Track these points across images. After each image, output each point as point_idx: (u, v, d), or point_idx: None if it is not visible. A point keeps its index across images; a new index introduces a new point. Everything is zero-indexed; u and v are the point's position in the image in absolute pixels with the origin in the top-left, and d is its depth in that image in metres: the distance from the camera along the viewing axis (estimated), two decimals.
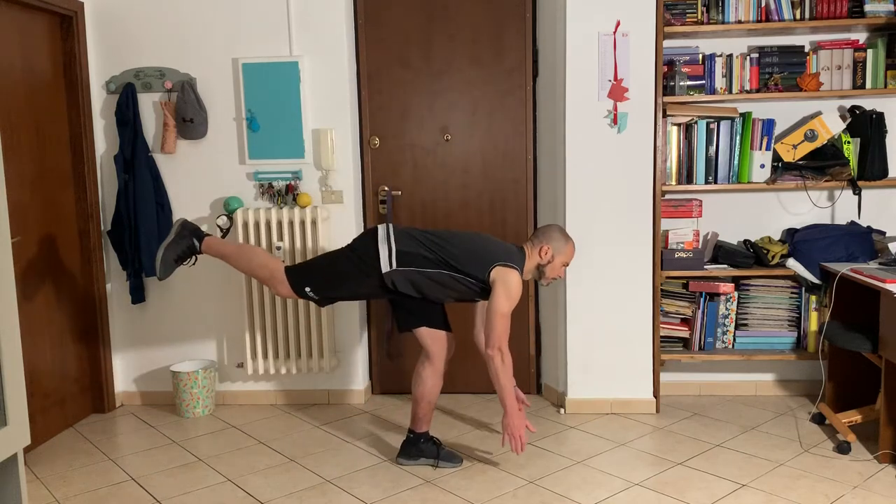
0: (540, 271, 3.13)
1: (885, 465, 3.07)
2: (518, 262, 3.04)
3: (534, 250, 3.11)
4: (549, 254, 3.09)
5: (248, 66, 3.81)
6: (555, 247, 3.10)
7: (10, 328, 2.07)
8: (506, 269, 2.97)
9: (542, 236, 3.13)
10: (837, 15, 3.54)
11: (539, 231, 3.18)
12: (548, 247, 3.09)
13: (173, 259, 3.16)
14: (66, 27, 3.76)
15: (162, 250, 3.14)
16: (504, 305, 2.93)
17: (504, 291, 2.94)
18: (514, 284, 2.96)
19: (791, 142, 3.65)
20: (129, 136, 3.83)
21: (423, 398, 3.15)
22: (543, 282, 3.18)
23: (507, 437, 3.02)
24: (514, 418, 2.99)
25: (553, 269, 3.12)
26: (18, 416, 2.10)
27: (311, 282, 3.08)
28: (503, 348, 2.95)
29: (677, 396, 3.97)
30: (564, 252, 3.13)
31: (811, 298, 3.71)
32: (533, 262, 3.11)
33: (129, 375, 4.12)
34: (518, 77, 3.89)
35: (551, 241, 3.10)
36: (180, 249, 3.17)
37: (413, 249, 2.99)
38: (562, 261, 3.13)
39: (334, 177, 3.89)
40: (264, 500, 2.93)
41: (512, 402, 2.99)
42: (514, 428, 3.00)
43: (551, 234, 3.13)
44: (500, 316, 2.93)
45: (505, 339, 2.96)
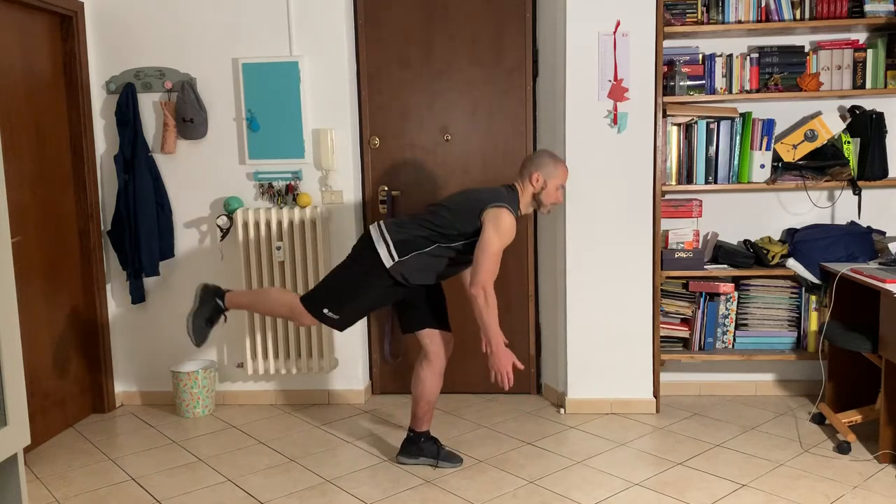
0: (537, 200, 3.08)
1: (885, 465, 3.07)
2: (508, 200, 2.99)
3: (525, 181, 3.07)
4: (540, 180, 3.04)
5: (248, 66, 3.81)
6: (545, 171, 3.05)
7: (10, 328, 2.07)
8: (496, 209, 2.92)
9: (531, 164, 3.07)
10: (837, 15, 3.54)
11: (527, 160, 3.11)
12: (538, 173, 3.04)
13: (204, 323, 3.19)
14: (66, 27, 3.76)
15: (190, 319, 3.17)
16: (493, 243, 2.87)
17: (494, 229, 2.88)
18: (503, 221, 2.90)
19: (791, 142, 3.65)
20: (129, 136, 3.83)
21: (422, 398, 3.15)
22: (543, 210, 3.13)
23: (494, 374, 2.95)
24: (499, 355, 2.92)
25: (549, 194, 3.07)
26: (18, 416, 2.10)
27: (327, 302, 3.05)
28: (487, 288, 2.88)
29: (677, 396, 3.97)
30: (557, 175, 3.07)
31: (811, 298, 3.71)
32: (528, 194, 3.07)
33: (129, 375, 4.12)
34: (518, 77, 3.89)
35: (541, 167, 3.05)
36: (208, 313, 3.19)
37: (408, 235, 2.98)
38: (555, 184, 3.07)
39: (334, 177, 3.89)
40: (264, 500, 2.93)
41: (497, 340, 2.92)
42: (501, 364, 2.93)
43: (540, 159, 3.08)
44: (488, 254, 2.87)
45: (490, 279, 2.89)
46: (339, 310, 3.06)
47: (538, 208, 3.13)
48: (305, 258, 3.82)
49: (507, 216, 2.92)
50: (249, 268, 3.84)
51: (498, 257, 2.90)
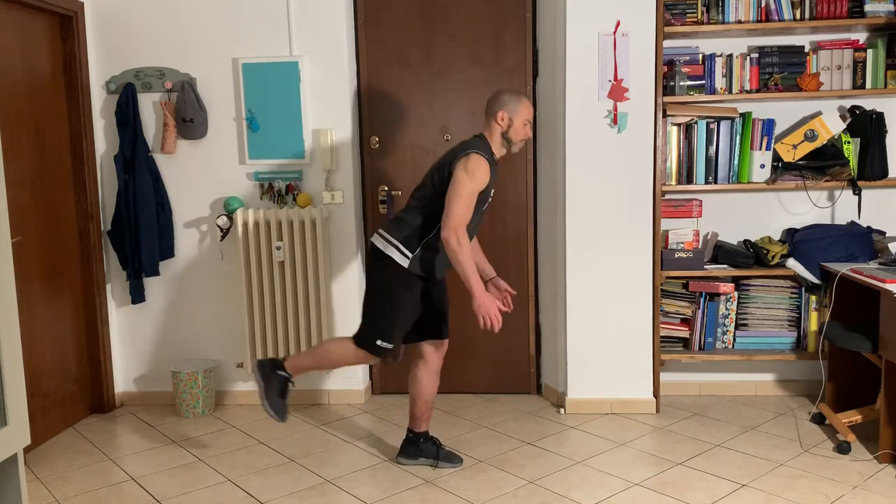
0: (506, 139, 3.04)
1: (885, 465, 3.07)
2: (476, 146, 2.96)
3: (491, 123, 3.03)
4: (505, 118, 3.01)
5: (248, 66, 3.81)
6: (508, 108, 3.01)
7: (10, 328, 2.07)
8: (465, 156, 2.90)
9: (493, 105, 3.04)
10: (837, 15, 3.54)
11: (489, 102, 3.07)
12: (502, 111, 3.01)
13: (278, 398, 3.12)
14: (66, 27, 3.76)
15: (265, 402, 3.10)
16: (464, 184, 2.85)
17: (463, 171, 2.86)
18: (472, 162, 2.88)
19: (791, 142, 3.65)
20: (129, 136, 3.83)
21: (419, 398, 3.15)
22: (514, 148, 3.08)
23: (481, 318, 2.90)
24: (482, 300, 2.88)
25: (516, 131, 3.03)
26: (18, 416, 2.10)
27: (375, 331, 3.01)
28: (459, 231, 2.83)
29: (677, 396, 3.97)
30: (520, 110, 3.03)
31: (811, 298, 3.71)
32: (496, 134, 3.03)
33: (129, 375, 4.12)
34: (518, 77, 3.89)
35: (503, 105, 3.01)
36: (277, 389, 3.13)
37: (409, 230, 2.97)
38: (521, 119, 3.03)
39: (334, 177, 3.89)
40: (264, 500, 2.93)
41: (476, 282, 2.87)
42: (485, 308, 2.88)
43: (500, 98, 3.04)
44: (458, 195, 2.84)
45: (462, 222, 2.85)
46: (390, 335, 3.01)
47: (509, 148, 3.07)
48: (305, 258, 3.82)
49: (477, 158, 2.90)
50: (249, 268, 3.83)
51: (469, 200, 2.87)
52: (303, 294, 3.84)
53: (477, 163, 2.88)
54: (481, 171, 2.89)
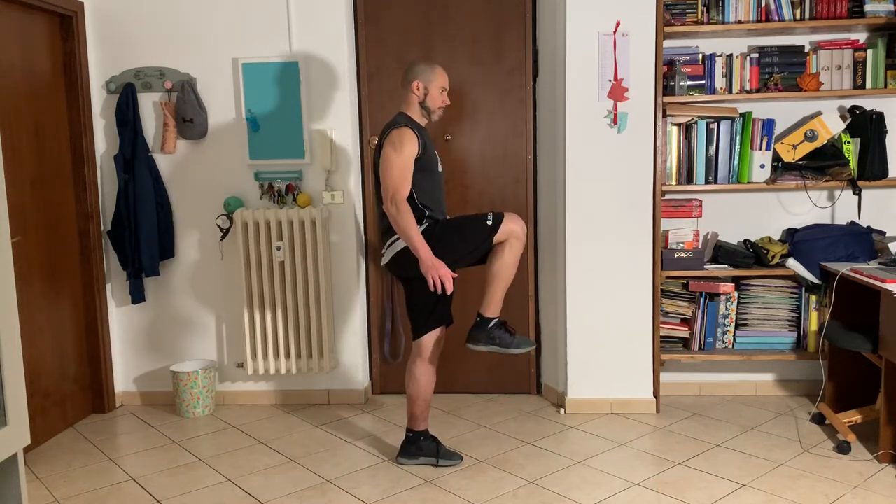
0: (425, 108, 3.08)
1: (885, 465, 3.07)
2: (396, 122, 3.01)
3: (408, 95, 3.08)
4: (420, 87, 3.06)
5: (248, 66, 3.81)
6: (423, 77, 3.06)
7: (10, 328, 2.06)
8: (386, 136, 2.98)
9: (408, 75, 3.08)
10: (837, 15, 3.54)
11: (404, 74, 3.12)
12: (416, 81, 3.06)
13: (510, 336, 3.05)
14: (66, 27, 3.76)
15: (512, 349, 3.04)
16: (390, 157, 2.92)
17: (387, 145, 2.94)
18: (396, 136, 2.94)
19: (791, 142, 3.65)
20: (129, 136, 3.83)
21: (418, 396, 3.15)
22: (434, 117, 3.12)
23: (431, 280, 2.93)
24: (428, 261, 2.92)
25: (433, 99, 3.08)
26: (18, 416, 2.10)
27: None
28: (398, 199, 2.90)
29: (677, 396, 3.97)
30: (434, 77, 3.07)
31: (811, 298, 3.71)
32: (414, 104, 3.07)
33: (129, 375, 4.12)
34: (518, 77, 3.89)
35: (417, 75, 3.06)
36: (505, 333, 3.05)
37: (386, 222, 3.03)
38: (437, 86, 3.08)
39: (334, 177, 3.89)
40: (264, 500, 2.93)
41: (423, 246, 2.91)
42: (434, 269, 2.92)
43: (414, 68, 3.09)
44: (387, 168, 2.92)
45: (399, 190, 2.91)
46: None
47: (430, 117, 3.11)
48: (305, 258, 3.82)
49: (398, 131, 2.96)
50: (249, 268, 3.83)
51: (402, 171, 2.93)
52: (303, 294, 3.84)
53: (399, 135, 2.95)
54: (406, 140, 2.94)
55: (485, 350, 3.09)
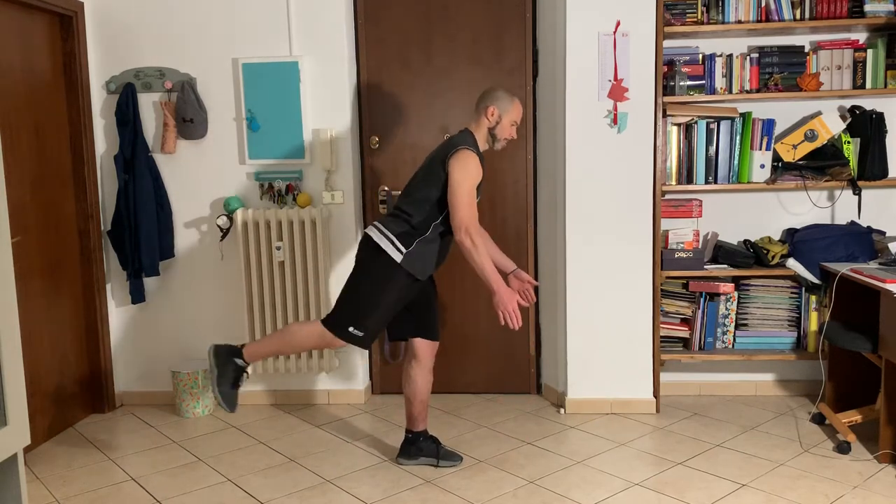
0: (492, 135, 3.07)
1: (885, 465, 3.07)
2: (464, 141, 2.99)
3: (480, 117, 3.06)
4: (495, 114, 3.04)
5: (248, 66, 3.81)
6: (500, 106, 3.04)
7: (10, 328, 2.07)
8: (455, 153, 2.93)
9: (486, 99, 3.06)
10: (837, 15, 3.54)
11: (482, 96, 3.10)
12: (493, 107, 3.03)
13: (230, 387, 3.07)
14: (66, 27, 3.76)
15: (215, 388, 3.05)
16: (462, 184, 2.88)
17: (458, 171, 2.89)
18: (465, 159, 2.91)
19: (791, 142, 3.65)
20: (129, 136, 3.83)
21: (415, 397, 3.15)
22: (497, 146, 3.11)
23: (501, 315, 2.91)
24: (501, 295, 2.89)
25: (503, 129, 3.06)
26: (18, 416, 2.10)
27: (349, 320, 2.99)
28: (470, 230, 2.87)
29: (677, 396, 3.97)
30: (511, 109, 3.06)
31: (811, 298, 3.71)
32: (483, 129, 3.06)
33: (129, 375, 4.12)
34: (518, 77, 3.89)
35: (496, 101, 3.04)
36: (230, 377, 3.07)
37: (404, 227, 2.97)
38: (510, 119, 3.06)
39: (334, 177, 3.89)
40: (264, 500, 2.93)
41: (495, 279, 2.90)
42: (504, 304, 2.89)
43: (494, 94, 3.07)
44: (459, 195, 2.87)
45: (471, 220, 2.88)
46: (363, 324, 2.99)
47: (493, 144, 3.10)
48: (305, 258, 3.82)
49: (468, 154, 2.93)
50: (249, 268, 3.84)
51: (471, 197, 2.91)
52: (303, 294, 3.84)
53: (468, 159, 2.92)
54: (473, 166, 2.92)
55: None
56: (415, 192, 3.01)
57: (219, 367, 3.06)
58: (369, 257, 3.00)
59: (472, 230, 2.88)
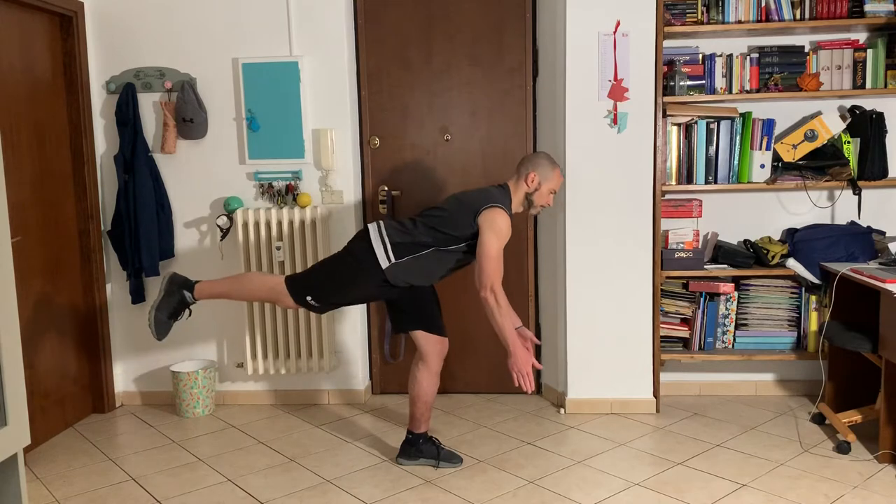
0: (529, 200, 3.10)
1: (885, 465, 3.07)
2: (501, 200, 3.01)
3: (520, 180, 3.09)
4: (536, 180, 3.07)
5: (248, 66, 3.81)
6: (541, 173, 3.07)
7: (10, 328, 2.07)
8: (490, 211, 2.94)
9: (529, 164, 3.10)
10: (837, 15, 3.54)
11: (525, 160, 3.14)
12: (534, 174, 3.07)
13: (167, 317, 3.10)
14: (66, 27, 3.76)
15: (153, 311, 3.09)
16: (493, 246, 2.90)
17: (492, 232, 2.91)
18: (500, 222, 2.93)
19: (791, 142, 3.65)
20: (129, 136, 3.83)
21: (419, 399, 3.15)
22: (533, 211, 3.15)
23: (515, 377, 2.93)
24: (518, 356, 2.92)
25: (541, 196, 3.10)
26: (18, 416, 2.10)
27: (312, 291, 3.05)
28: (496, 289, 2.90)
29: (677, 396, 3.97)
30: (551, 178, 3.10)
31: (811, 298, 3.71)
32: (521, 193, 3.09)
33: (129, 375, 4.12)
34: (518, 77, 3.89)
35: (538, 168, 3.08)
36: (172, 306, 3.11)
37: (405, 238, 2.98)
38: (549, 187, 3.10)
39: (334, 177, 3.89)
40: (264, 500, 2.93)
41: (513, 340, 2.93)
42: (520, 366, 2.91)
43: (538, 160, 3.11)
44: (489, 257, 2.90)
45: (497, 279, 2.91)
46: (324, 299, 3.07)
47: (528, 208, 3.15)
48: (305, 258, 3.82)
49: (502, 216, 2.95)
50: (249, 268, 3.83)
51: (500, 259, 2.93)
52: None
53: (503, 220, 2.95)
54: (506, 229, 2.96)
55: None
56: (436, 225, 3.00)
57: (166, 292, 3.11)
58: (358, 249, 3.03)
59: (497, 289, 2.91)
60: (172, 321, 3.14)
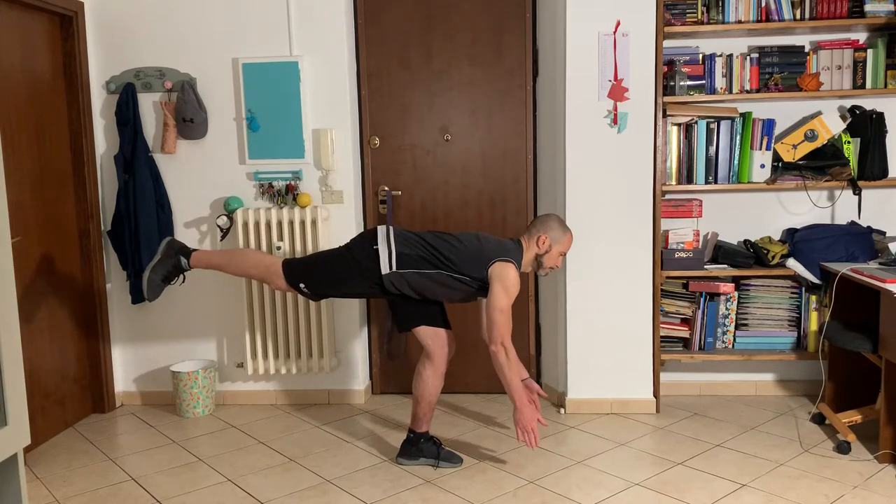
0: (538, 262, 3.13)
1: (885, 465, 3.07)
2: (514, 255, 3.04)
3: (531, 241, 3.12)
4: (546, 243, 3.10)
5: (248, 66, 3.81)
6: (552, 236, 3.11)
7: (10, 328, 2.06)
8: (502, 265, 2.97)
9: (541, 226, 3.13)
10: (837, 15, 3.54)
11: (537, 221, 3.18)
12: (545, 236, 3.10)
13: (160, 280, 3.13)
14: (66, 27, 3.76)
15: (148, 271, 3.11)
16: (502, 301, 2.94)
17: (502, 287, 2.94)
18: (511, 279, 2.96)
19: (791, 142, 3.65)
20: (129, 136, 3.83)
21: (423, 398, 3.15)
22: (542, 272, 3.18)
23: (520, 432, 2.98)
24: (524, 412, 2.97)
25: (550, 258, 3.13)
26: (18, 416, 2.10)
27: (307, 279, 3.08)
28: (506, 343, 2.95)
29: (677, 396, 3.97)
30: (562, 242, 3.14)
31: (811, 298, 3.71)
32: (531, 254, 3.12)
33: (129, 375, 4.12)
34: (518, 77, 3.89)
35: (549, 231, 3.11)
36: (166, 269, 3.14)
37: (412, 251, 3.00)
38: (559, 250, 3.14)
39: (334, 177, 3.89)
40: (264, 500, 2.93)
41: (520, 396, 2.97)
42: (526, 422, 2.96)
43: (549, 223, 3.14)
44: (499, 311, 2.93)
45: (507, 333, 2.96)
46: (316, 289, 3.09)
47: (537, 269, 3.18)
48: None
49: (514, 273, 2.98)
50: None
51: (509, 313, 2.96)
52: None
53: (513, 278, 2.97)
54: (516, 285, 2.98)
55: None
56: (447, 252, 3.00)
57: (162, 256, 3.15)
58: (361, 250, 3.04)
59: (507, 344, 2.95)
60: (165, 284, 3.16)
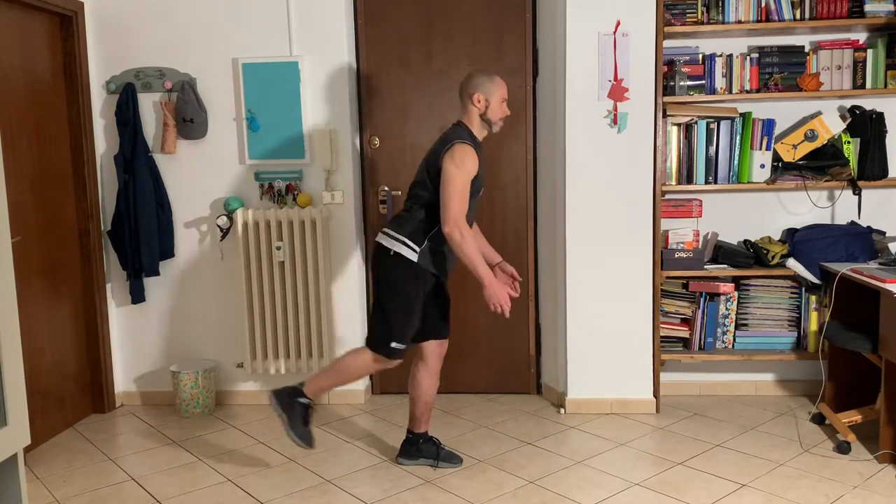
0: (486, 121, 3.02)
1: (885, 465, 3.07)
2: (459, 135, 2.95)
3: (467, 109, 3.02)
4: (481, 99, 2.99)
5: (248, 66, 3.81)
6: (483, 89, 2.99)
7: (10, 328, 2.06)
8: (450, 148, 2.89)
9: (466, 87, 3.01)
10: (837, 15, 3.54)
11: (462, 86, 3.04)
12: (477, 94, 2.99)
13: (303, 426, 3.05)
14: (66, 27, 3.76)
15: (290, 432, 3.03)
16: (454, 176, 2.84)
17: (451, 163, 2.85)
18: (459, 155, 2.86)
19: (791, 142, 3.65)
20: (129, 136, 3.83)
21: (419, 399, 3.15)
22: (495, 128, 3.06)
23: (492, 306, 2.89)
24: (493, 287, 2.88)
25: (494, 111, 3.01)
26: (18, 416, 2.10)
27: (388, 332, 2.99)
28: (459, 223, 2.84)
29: (677, 396, 3.97)
30: (494, 89, 3.00)
31: (811, 298, 3.71)
32: (474, 117, 3.01)
33: (129, 375, 4.12)
34: (518, 77, 3.89)
35: (477, 87, 2.99)
36: (300, 417, 3.06)
37: (413, 226, 2.97)
38: (497, 98, 3.01)
39: (334, 177, 3.89)
40: (264, 500, 2.93)
41: (484, 270, 2.87)
42: (496, 296, 2.87)
43: (473, 80, 3.01)
44: (451, 189, 2.83)
45: (462, 214, 2.85)
46: (403, 335, 3.00)
47: (490, 128, 3.06)
48: (305, 258, 3.82)
49: (461, 147, 2.89)
50: (249, 268, 3.83)
51: (464, 191, 2.87)
52: (303, 294, 3.84)
53: (463, 152, 2.88)
54: (469, 160, 2.89)
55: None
56: (417, 191, 3.00)
57: (285, 411, 3.05)
58: (388, 266, 2.98)
59: (461, 223, 2.85)
60: (309, 426, 3.08)
